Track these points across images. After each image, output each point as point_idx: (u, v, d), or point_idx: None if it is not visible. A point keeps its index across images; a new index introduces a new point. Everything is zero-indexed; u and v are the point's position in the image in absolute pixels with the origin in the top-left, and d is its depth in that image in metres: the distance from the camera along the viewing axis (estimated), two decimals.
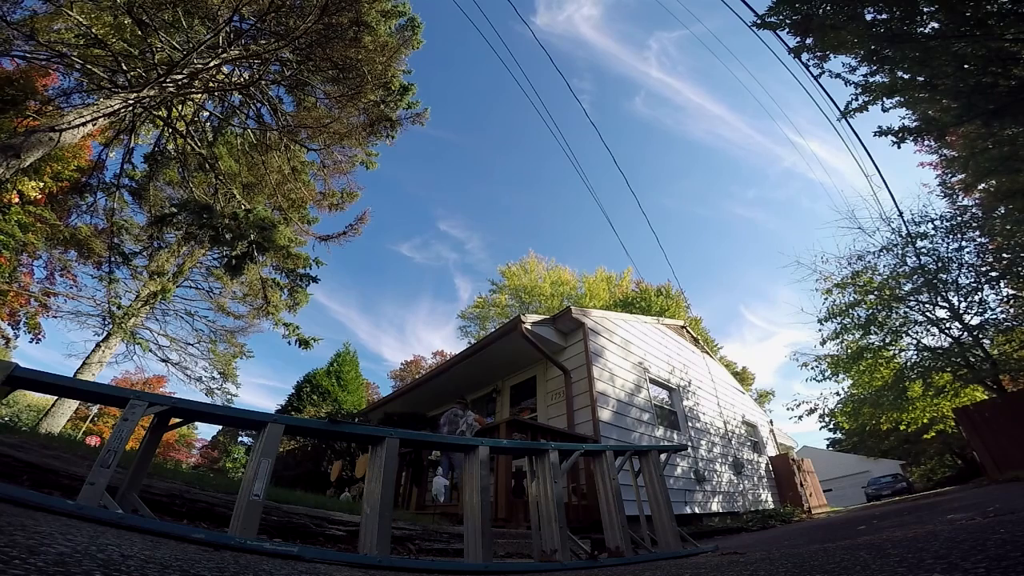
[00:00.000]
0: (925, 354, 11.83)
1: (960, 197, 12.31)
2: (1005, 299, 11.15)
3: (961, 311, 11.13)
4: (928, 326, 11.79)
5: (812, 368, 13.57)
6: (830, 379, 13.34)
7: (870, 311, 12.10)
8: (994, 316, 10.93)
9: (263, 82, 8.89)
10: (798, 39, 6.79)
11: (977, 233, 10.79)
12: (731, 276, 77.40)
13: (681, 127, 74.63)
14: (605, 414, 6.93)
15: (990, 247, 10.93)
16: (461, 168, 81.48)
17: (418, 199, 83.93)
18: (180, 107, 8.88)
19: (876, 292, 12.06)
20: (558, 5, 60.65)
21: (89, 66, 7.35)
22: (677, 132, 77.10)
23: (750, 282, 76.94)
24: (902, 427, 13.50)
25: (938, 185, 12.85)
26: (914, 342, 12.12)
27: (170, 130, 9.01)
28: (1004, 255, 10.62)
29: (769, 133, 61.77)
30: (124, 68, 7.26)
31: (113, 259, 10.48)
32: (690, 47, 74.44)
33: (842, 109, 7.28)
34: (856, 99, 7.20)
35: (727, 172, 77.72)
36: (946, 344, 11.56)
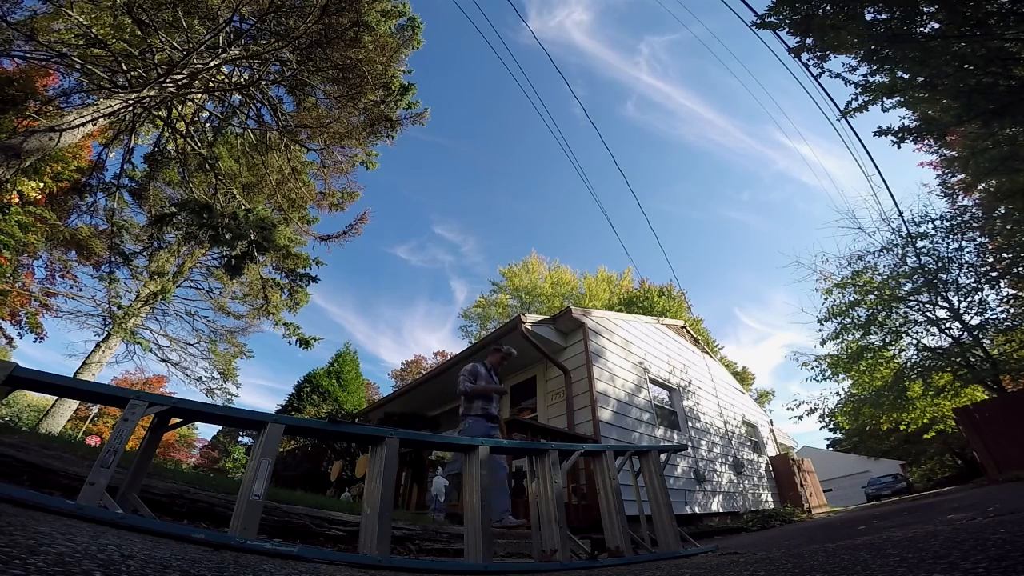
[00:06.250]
0: (925, 354, 11.83)
1: (960, 197, 12.33)
2: (1005, 299, 11.17)
3: (961, 311, 11.13)
4: (928, 326, 11.80)
5: (812, 368, 13.60)
6: (830, 379, 13.36)
7: (870, 311, 12.10)
8: (994, 316, 10.95)
9: (263, 82, 8.88)
10: (798, 39, 6.78)
11: (977, 233, 10.80)
12: (726, 279, 77.65)
13: (674, 131, 74.77)
14: (605, 414, 6.92)
15: (990, 247, 10.94)
16: (456, 172, 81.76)
17: (414, 203, 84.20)
18: (180, 107, 8.88)
19: (876, 292, 12.06)
20: (549, 11, 60.75)
21: (89, 66, 7.35)
22: (670, 137, 77.23)
23: (745, 285, 77.13)
24: (902, 427, 13.51)
25: (938, 185, 12.88)
26: (914, 342, 12.13)
27: (170, 130, 9.01)
28: (1004, 255, 10.62)
29: (761, 136, 61.97)
30: (124, 68, 7.26)
31: (113, 259, 10.48)
32: (680, 52, 74.64)
33: (842, 109, 7.28)
34: (856, 99, 7.20)
35: (721, 176, 77.92)
36: (946, 344, 11.56)
